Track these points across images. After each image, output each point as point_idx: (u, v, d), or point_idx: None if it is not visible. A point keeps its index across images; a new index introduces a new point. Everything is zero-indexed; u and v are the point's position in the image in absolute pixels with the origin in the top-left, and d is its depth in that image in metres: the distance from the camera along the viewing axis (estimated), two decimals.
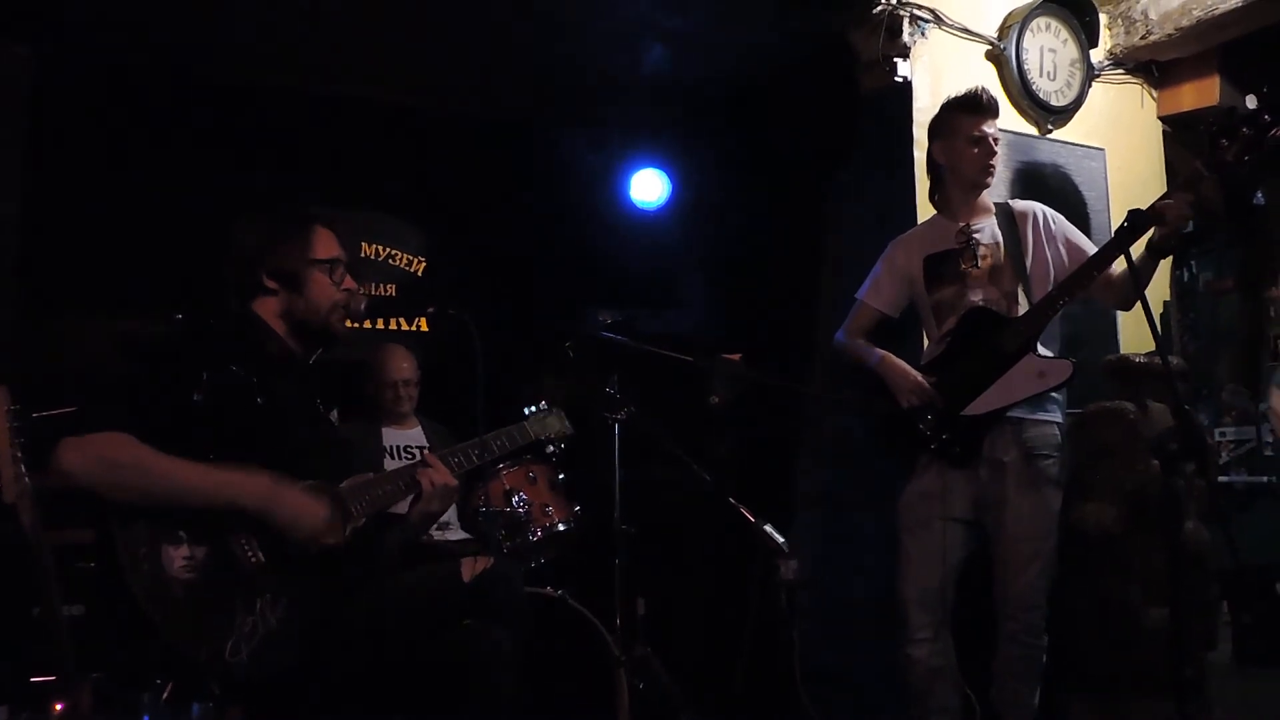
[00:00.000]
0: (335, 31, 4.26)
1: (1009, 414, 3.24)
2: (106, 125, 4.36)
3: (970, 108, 3.38)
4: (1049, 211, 3.44)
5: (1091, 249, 3.33)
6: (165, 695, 2.08)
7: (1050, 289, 3.25)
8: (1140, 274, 2.99)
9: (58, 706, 2.32)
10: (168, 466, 2.14)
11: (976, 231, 3.38)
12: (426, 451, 2.57)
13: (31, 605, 2.59)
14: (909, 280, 3.48)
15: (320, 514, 2.26)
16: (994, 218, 3.40)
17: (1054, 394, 3.27)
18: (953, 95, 3.47)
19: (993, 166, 3.40)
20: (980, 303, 3.32)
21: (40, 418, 2.71)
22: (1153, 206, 2.97)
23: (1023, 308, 3.28)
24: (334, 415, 2.66)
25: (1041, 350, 3.24)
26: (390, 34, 4.31)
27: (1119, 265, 3.10)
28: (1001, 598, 3.27)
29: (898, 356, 3.42)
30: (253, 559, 2.18)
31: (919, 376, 3.31)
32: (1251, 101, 2.86)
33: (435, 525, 4.03)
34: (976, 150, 3.35)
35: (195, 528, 2.14)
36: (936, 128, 3.46)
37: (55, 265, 4.22)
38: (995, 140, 3.38)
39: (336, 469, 2.41)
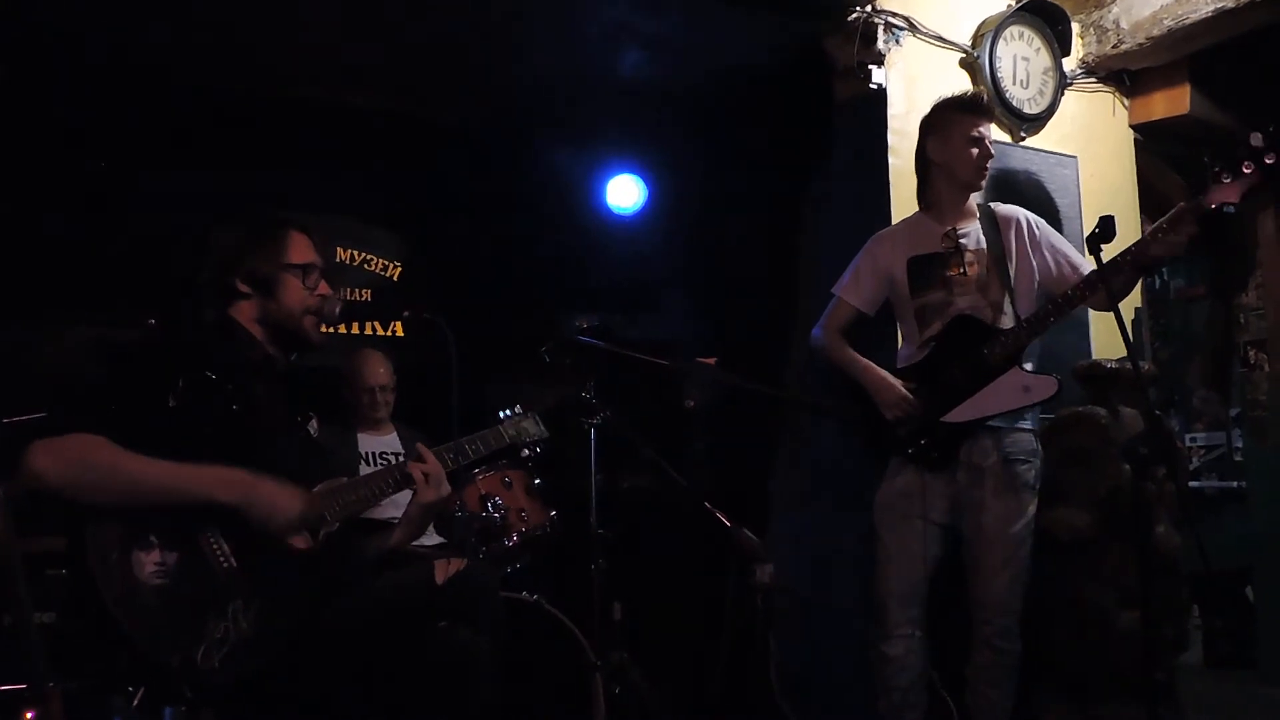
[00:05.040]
0: (310, 37, 4.24)
1: (988, 423, 3.26)
2: (80, 129, 4.33)
3: (969, 108, 3.38)
4: (1032, 218, 3.44)
5: (1075, 254, 3.36)
6: (136, 702, 2.06)
7: (1043, 304, 3.26)
8: (1123, 286, 3.07)
9: (28, 715, 2.30)
10: (141, 465, 2.13)
11: (963, 236, 3.36)
12: (420, 445, 2.56)
13: (1, 613, 2.56)
14: (890, 280, 3.45)
15: (296, 505, 2.25)
16: (978, 221, 3.40)
17: None
18: (948, 95, 3.46)
19: (986, 170, 3.39)
20: (966, 309, 3.31)
21: (10, 423, 2.68)
22: (1158, 240, 3.01)
23: (1007, 315, 3.29)
24: (314, 424, 2.64)
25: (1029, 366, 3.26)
26: (366, 39, 4.29)
27: None
28: (976, 601, 3.29)
29: (873, 351, 3.44)
30: (225, 564, 2.17)
31: (904, 391, 3.30)
32: (1257, 139, 2.84)
33: None
34: (974, 151, 3.34)
35: (167, 532, 2.13)
36: (932, 125, 3.44)
37: (26, 271, 4.18)
38: (991, 143, 3.38)
39: (311, 474, 2.40)
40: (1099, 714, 3.52)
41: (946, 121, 3.38)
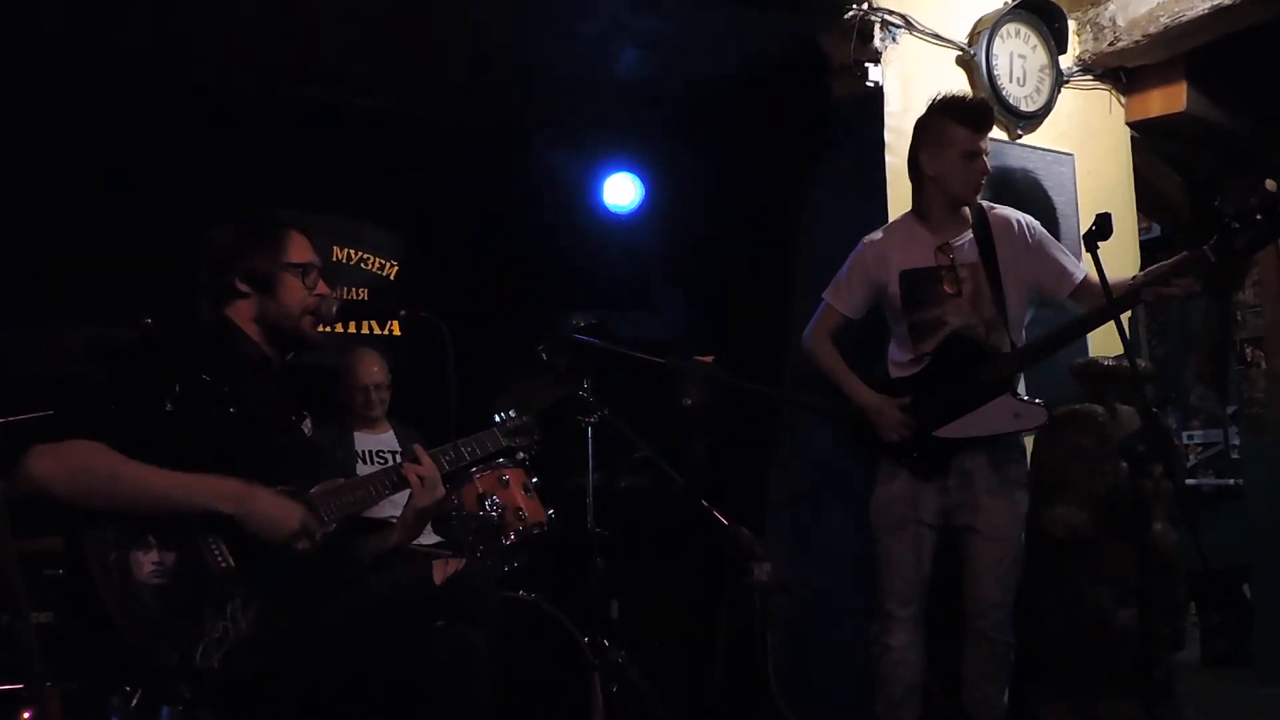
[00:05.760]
0: (308, 36, 4.24)
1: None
2: (75, 128, 4.32)
3: (970, 120, 3.23)
4: (1026, 221, 3.37)
5: (1069, 260, 3.33)
6: (134, 701, 2.06)
7: (1039, 337, 3.27)
8: (1123, 305, 3.04)
9: (26, 715, 2.29)
10: (140, 473, 2.13)
11: (956, 249, 3.30)
12: (416, 447, 2.56)
13: None
14: (881, 290, 3.40)
15: (294, 516, 2.25)
16: (971, 230, 3.32)
17: None
18: (946, 97, 3.33)
19: (982, 185, 3.29)
20: (961, 328, 3.27)
21: (7, 424, 2.68)
22: (1166, 285, 2.98)
23: (1000, 331, 3.26)
24: (308, 423, 2.64)
25: (1021, 389, 3.26)
26: (363, 39, 4.29)
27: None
28: (970, 596, 3.30)
29: (863, 355, 3.44)
30: (223, 564, 2.17)
31: (900, 414, 3.27)
32: (1272, 185, 2.75)
33: None
34: (970, 167, 3.24)
35: (164, 532, 2.13)
36: (927, 133, 3.31)
37: (22, 270, 4.17)
38: (988, 154, 3.26)
39: (308, 474, 2.40)
40: (1096, 712, 3.53)
41: (941, 131, 3.26)
